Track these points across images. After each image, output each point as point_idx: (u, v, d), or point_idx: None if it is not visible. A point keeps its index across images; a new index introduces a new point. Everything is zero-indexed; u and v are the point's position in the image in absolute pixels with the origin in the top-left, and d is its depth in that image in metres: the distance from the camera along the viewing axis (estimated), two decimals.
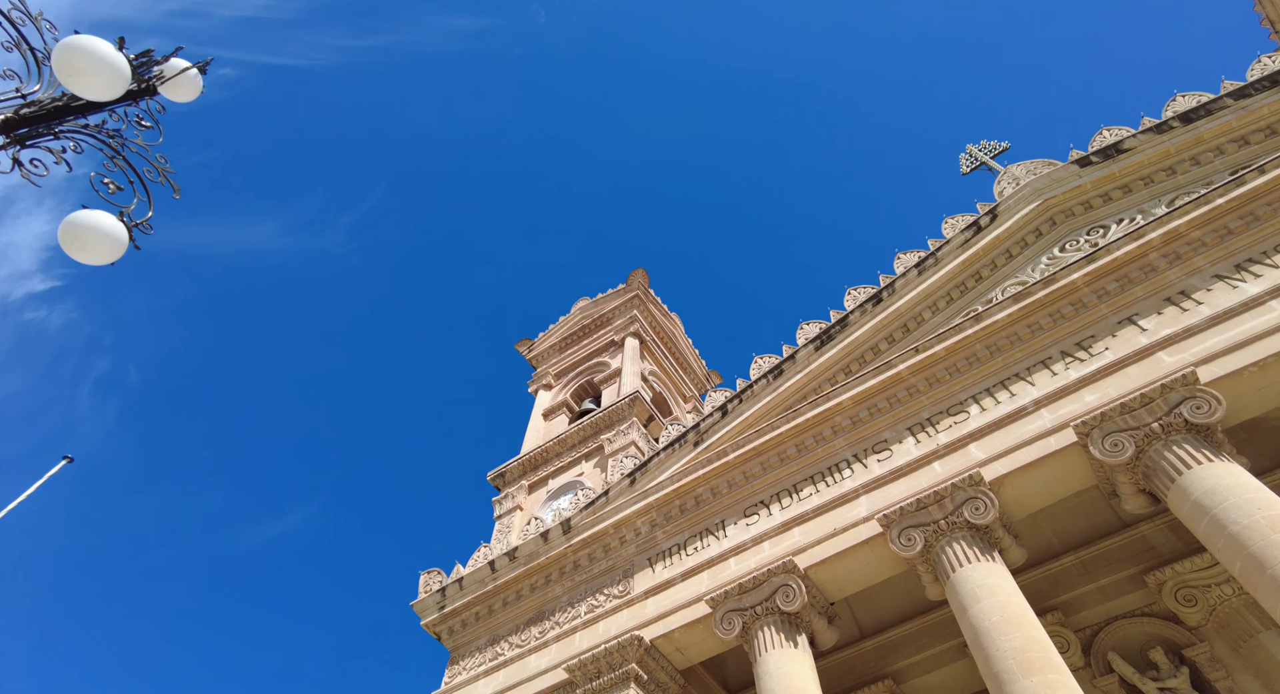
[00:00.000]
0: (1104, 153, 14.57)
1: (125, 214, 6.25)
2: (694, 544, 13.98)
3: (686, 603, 12.94)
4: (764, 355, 15.96)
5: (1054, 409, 11.45)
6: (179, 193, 6.82)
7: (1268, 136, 13.11)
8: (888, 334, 15.09)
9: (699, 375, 26.42)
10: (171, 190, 6.76)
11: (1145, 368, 10.98)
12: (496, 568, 16.04)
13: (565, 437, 19.57)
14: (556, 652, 14.07)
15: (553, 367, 24.45)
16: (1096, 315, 12.36)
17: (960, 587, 10.35)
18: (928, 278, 15.22)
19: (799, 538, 12.60)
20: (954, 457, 11.96)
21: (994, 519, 10.77)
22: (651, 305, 25.06)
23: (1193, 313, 11.24)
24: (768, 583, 12.12)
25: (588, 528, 15.42)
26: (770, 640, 11.56)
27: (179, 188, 6.81)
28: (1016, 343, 12.88)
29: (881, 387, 13.58)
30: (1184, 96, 14.38)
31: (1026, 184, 15.22)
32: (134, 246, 6.26)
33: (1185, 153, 13.78)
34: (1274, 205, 11.68)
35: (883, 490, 12.29)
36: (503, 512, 18.80)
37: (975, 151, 19.24)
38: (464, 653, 15.57)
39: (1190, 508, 9.29)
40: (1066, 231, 14.61)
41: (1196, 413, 9.92)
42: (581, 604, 14.60)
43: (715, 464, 14.49)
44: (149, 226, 6.49)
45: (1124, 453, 10.19)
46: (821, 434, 13.75)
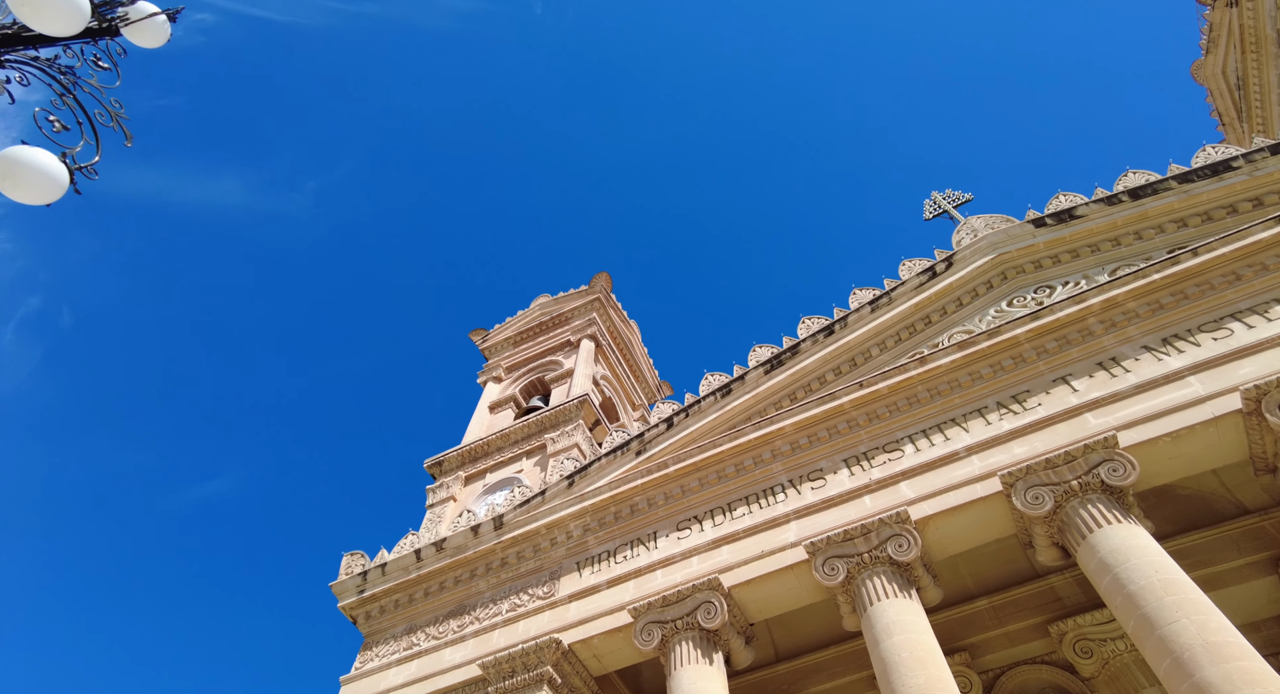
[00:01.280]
0: (1058, 217, 15.21)
1: (69, 156, 6.01)
2: (624, 552, 14.07)
3: (609, 610, 13.02)
4: (715, 373, 16.18)
5: (984, 457, 11.89)
6: (131, 140, 6.61)
7: (1204, 221, 13.85)
8: (836, 366, 15.45)
9: (650, 385, 26.59)
10: (124, 136, 6.56)
11: (1072, 427, 11.49)
12: (422, 557, 15.88)
13: (509, 431, 19.49)
14: (473, 647, 14.00)
15: (505, 360, 24.31)
16: (1034, 371, 12.88)
17: (876, 620, 10.66)
18: (880, 316, 15.64)
19: (727, 556, 12.81)
20: (885, 492, 12.32)
21: (916, 557, 11.13)
22: (612, 310, 25.14)
23: (1120, 379, 11.82)
24: (691, 598, 12.28)
25: (520, 526, 15.39)
26: (687, 655, 11.72)
27: (131, 135, 6.59)
28: (956, 389, 13.33)
29: (824, 416, 13.90)
30: (1135, 173, 15.11)
31: (983, 237, 15.76)
32: (74, 190, 6.03)
33: (1131, 226, 14.47)
34: (1202, 286, 12.36)
35: (813, 518, 12.58)
36: (436, 501, 18.61)
37: (939, 199, 19.85)
38: (379, 639, 15.37)
39: (1096, 565, 9.77)
40: (1016, 287, 15.18)
41: (1113, 475, 10.44)
42: (504, 602, 14.56)
43: (655, 475, 14.62)
44: (93, 172, 6.26)
45: (1043, 506, 10.65)
46: (761, 456, 14.01)
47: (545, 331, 24.57)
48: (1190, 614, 8.55)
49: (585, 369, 21.70)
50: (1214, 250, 12.43)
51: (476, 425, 21.32)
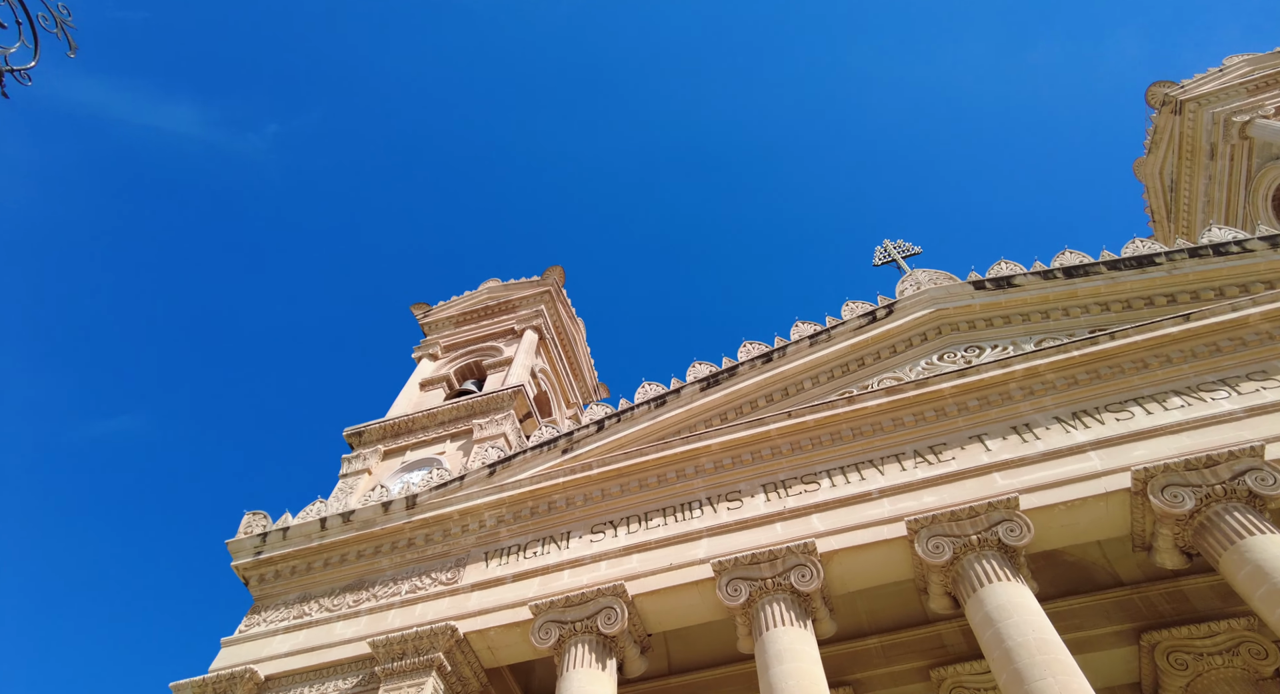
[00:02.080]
0: (997, 283, 15.97)
1: (3, 57, 5.71)
2: (535, 548, 14.07)
3: (511, 604, 12.99)
4: (653, 383, 16.36)
5: (895, 501, 12.38)
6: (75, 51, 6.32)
7: (1124, 308, 14.78)
8: (769, 393, 15.82)
9: (588, 385, 26.61)
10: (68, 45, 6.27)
11: (980, 484, 12.09)
12: (327, 526, 15.52)
13: (437, 411, 19.21)
14: (366, 624, 13.76)
15: (444, 338, 23.94)
16: (953, 426, 13.48)
17: (769, 645, 10.96)
18: (818, 351, 16.10)
19: (636, 564, 12.95)
20: (797, 522, 12.68)
21: (817, 588, 11.50)
22: (561, 305, 25.07)
23: (1030, 445, 12.50)
24: (594, 602, 12.37)
25: (433, 508, 15.20)
26: (581, 658, 11.79)
27: (76, 45, 6.30)
28: (879, 432, 13.83)
29: (750, 440, 14.22)
30: (1071, 254, 16.01)
31: (925, 291, 16.42)
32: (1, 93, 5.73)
33: (1061, 302, 15.32)
34: (1114, 369, 13.19)
35: (725, 537, 12.85)
36: (350, 471, 18.18)
37: (890, 247, 20.57)
38: (269, 604, 14.94)
39: (982, 618, 10.31)
40: (948, 343, 15.86)
41: (1010, 535, 11.04)
42: (405, 583, 14.36)
43: (578, 475, 14.68)
44: (27, 77, 5.95)
45: (942, 556, 11.17)
46: (685, 471, 14.23)
47: (490, 316, 24.32)
48: (1057, 674, 9.11)
49: (525, 360, 21.58)
50: (1129, 337, 13.28)
51: (404, 400, 20.94)
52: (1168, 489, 10.81)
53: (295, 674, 13.27)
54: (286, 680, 13.25)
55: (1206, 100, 23.26)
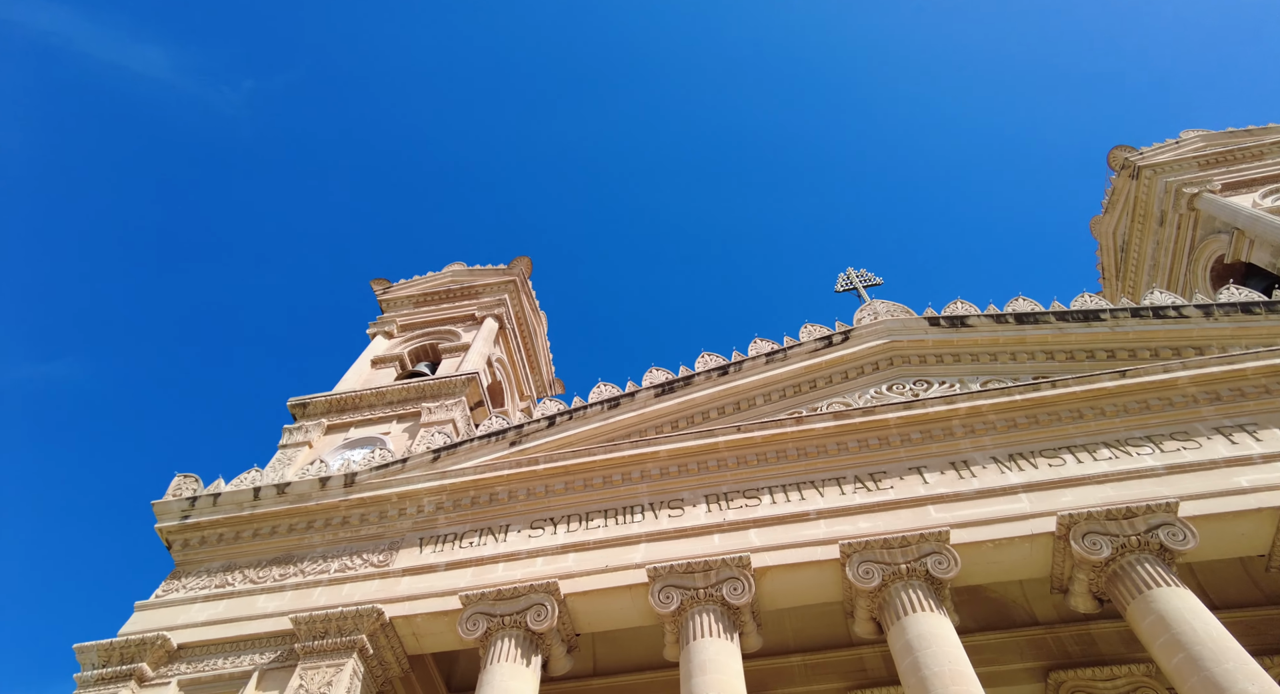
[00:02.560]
0: (951, 321, 16.47)
1: None
2: (472, 538, 13.98)
3: (441, 592, 12.89)
4: (609, 384, 16.41)
5: (831, 523, 12.67)
6: None
7: (1068, 358, 15.39)
8: (721, 405, 16.02)
9: (544, 379, 26.50)
10: None
11: (915, 515, 12.45)
12: (261, 497, 15.16)
13: (386, 391, 18.92)
14: (290, 600, 13.49)
15: (402, 317, 23.58)
16: (894, 455, 13.85)
17: (695, 655, 11.10)
18: (773, 369, 16.37)
19: (572, 564, 12.98)
20: (735, 535, 12.88)
21: (747, 602, 11.69)
22: (525, 296, 24.93)
23: (966, 481, 12.92)
24: (526, 597, 12.35)
25: (372, 488, 14.99)
26: (506, 653, 11.77)
27: None
28: (823, 454, 14.13)
29: (699, 450, 14.38)
30: (1024, 301, 16.61)
31: (882, 322, 16.85)
32: None
33: (1009, 346, 15.86)
34: (1052, 416, 13.72)
35: (663, 544, 12.96)
36: (291, 443, 17.78)
37: (852, 275, 21.05)
38: (190, 570, 14.53)
39: (902, 645, 10.63)
40: (898, 374, 16.28)
41: (938, 566, 11.40)
42: (335, 561, 14.12)
43: (523, 469, 14.63)
44: None
45: (872, 582, 11.48)
46: (631, 475, 14.31)
47: (451, 299, 24.04)
48: None
49: (482, 347, 21.40)
50: (1069, 387, 13.84)
51: (353, 376, 20.56)
52: (1088, 536, 11.30)
53: (210, 645, 12.94)
54: (200, 650, 12.91)
55: (1162, 169, 24.37)
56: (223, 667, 12.69)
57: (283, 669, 12.38)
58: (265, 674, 12.44)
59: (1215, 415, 13.07)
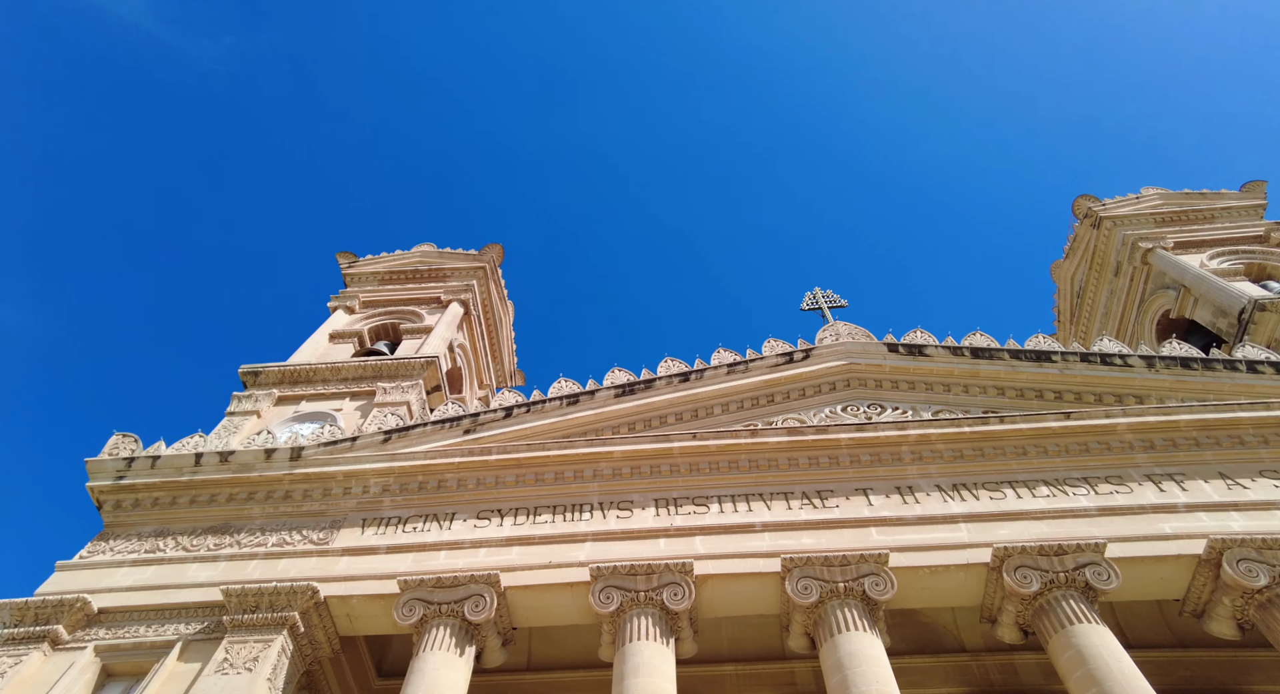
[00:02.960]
0: (910, 349, 16.86)
1: None
2: (416, 524, 13.83)
3: (380, 576, 12.73)
4: (569, 380, 16.40)
5: (776, 536, 12.87)
6: None
7: (1017, 396, 15.88)
8: (680, 412, 16.14)
9: (506, 370, 26.29)
10: None
11: (858, 535, 12.71)
12: (202, 463, 14.78)
13: (342, 367, 18.59)
14: (224, 571, 13.19)
15: (365, 293, 23.18)
16: (843, 475, 14.11)
17: (630, 657, 11.17)
18: (733, 380, 16.56)
19: (516, 557, 12.94)
20: (680, 540, 12.98)
21: (687, 608, 11.80)
22: (493, 283, 24.71)
23: (910, 507, 13.24)
24: (465, 587, 12.27)
25: (318, 464, 14.73)
26: (441, 641, 11.68)
27: None
28: (774, 468, 14.33)
29: (653, 454, 14.46)
30: (981, 336, 17.08)
31: (843, 344, 17.17)
32: None
33: (963, 379, 16.30)
34: (997, 450, 14.13)
35: (609, 544, 13.00)
36: (238, 410, 17.35)
37: (818, 295, 21.41)
38: (120, 533, 14.10)
39: (833, 662, 10.86)
40: (854, 396, 16.61)
41: (875, 588, 11.67)
42: (274, 535, 13.84)
43: (475, 458, 14.53)
44: None
45: (809, 597, 11.69)
46: (583, 472, 14.32)
47: (418, 280, 23.70)
48: None
49: (445, 332, 21.16)
50: (1016, 424, 14.28)
51: (309, 349, 20.15)
52: (1020, 569, 11.69)
53: (134, 611, 12.57)
54: (122, 616, 12.53)
55: (1121, 222, 25.30)
56: (144, 635, 12.34)
57: (208, 641, 12.08)
58: (189, 645, 12.13)
59: (1148, 463, 13.63)
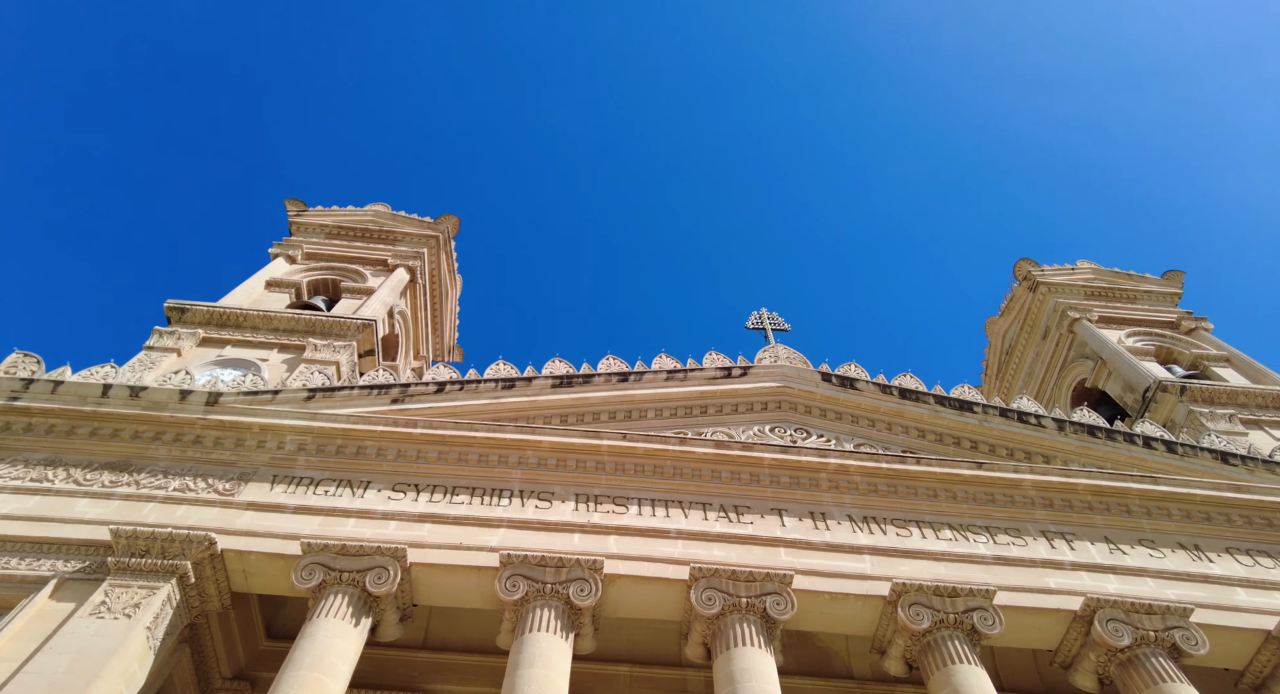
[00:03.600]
0: (842, 380, 17.32)
1: None
2: (329, 487, 13.49)
3: (284, 535, 12.39)
4: (508, 364, 16.27)
5: (688, 545, 13.06)
6: None
7: (936, 440, 16.48)
8: (614, 410, 16.20)
9: (445, 344, 25.82)
10: None
11: (767, 553, 13.00)
12: (110, 395, 14.09)
13: (274, 316, 17.96)
14: (116, 510, 12.61)
15: (309, 244, 22.44)
16: (761, 494, 14.41)
17: (526, 647, 11.16)
18: (671, 387, 16.73)
19: (426, 534, 12.77)
20: (595, 538, 13.04)
21: (591, 605, 11.85)
22: (445, 254, 24.26)
23: (820, 533, 13.62)
24: (370, 557, 12.04)
25: (235, 413, 14.22)
26: (337, 609, 11.44)
27: None
28: (696, 478, 14.54)
29: (582, 448, 14.47)
30: (910, 378, 17.63)
31: (780, 367, 17.56)
32: None
33: (888, 417, 16.79)
34: (910, 490, 14.66)
35: (523, 533, 12.96)
36: (158, 346, 16.57)
37: (764, 316, 21.83)
38: (6, 458, 13.33)
39: (725, 674, 11.09)
40: (783, 419, 16.98)
41: (775, 607, 11.96)
42: (177, 479, 13.30)
43: (399, 429, 14.27)
44: None
45: (712, 608, 11.91)
46: (508, 458, 14.23)
47: (367, 239, 23.08)
48: None
49: (387, 296, 20.67)
50: (931, 467, 14.86)
51: (242, 293, 19.40)
52: (914, 606, 12.17)
53: (8, 540, 11.92)
54: None
55: (1055, 289, 26.65)
56: (16, 568, 11.67)
57: (87, 582, 11.51)
58: (65, 583, 11.54)
59: (1045, 519, 14.38)
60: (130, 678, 10.59)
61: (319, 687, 10.36)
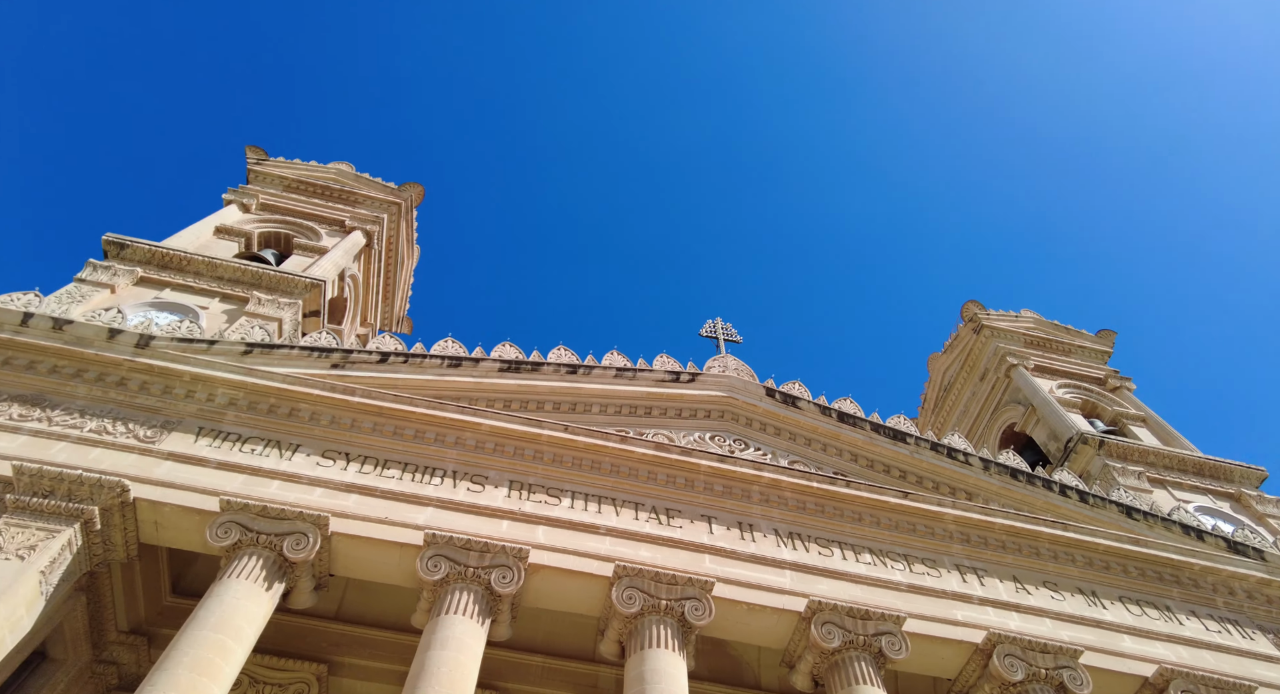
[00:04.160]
0: (785, 398, 17.59)
1: None
2: (256, 446, 13.10)
3: (204, 490, 11.97)
4: (456, 342, 16.04)
5: (616, 543, 13.09)
6: None
7: (867, 466, 16.81)
8: (559, 401, 16.13)
9: (395, 314, 25.26)
10: None
11: (692, 558, 13.12)
12: (31, 324, 13.40)
13: (220, 264, 17.31)
14: (22, 445, 12.00)
15: (266, 195, 21.69)
16: (694, 499, 14.53)
17: (440, 628, 11.03)
18: (619, 385, 16.75)
19: (352, 504, 12.50)
20: (523, 526, 12.96)
21: (512, 593, 11.78)
22: (405, 223, 23.75)
23: (746, 544, 13.81)
24: (290, 522, 11.74)
25: (167, 359, 13.68)
26: (250, 571, 11.12)
27: None
28: (633, 477, 14.58)
29: (521, 436, 14.37)
30: (850, 403, 17.83)
31: (727, 377, 17.75)
32: None
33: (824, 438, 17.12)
34: (838, 511, 14.94)
35: (452, 514, 12.80)
36: (90, 279, 15.79)
37: (718, 326, 22.10)
38: None
39: (635, 675, 11.18)
40: (725, 428, 17.15)
41: (694, 612, 12.09)
42: (95, 420, 12.73)
43: (337, 395, 13.94)
44: None
45: (632, 608, 11.97)
46: (445, 437, 14.04)
47: (326, 197, 22.42)
48: None
49: (341, 258, 20.14)
50: (860, 491, 15.22)
51: (188, 236, 18.64)
52: (826, 625, 12.45)
53: None
54: None
55: (997, 334, 27.63)
56: None
57: None
58: None
59: (961, 554, 14.88)
60: (15, 624, 10.08)
61: (220, 648, 10.06)
